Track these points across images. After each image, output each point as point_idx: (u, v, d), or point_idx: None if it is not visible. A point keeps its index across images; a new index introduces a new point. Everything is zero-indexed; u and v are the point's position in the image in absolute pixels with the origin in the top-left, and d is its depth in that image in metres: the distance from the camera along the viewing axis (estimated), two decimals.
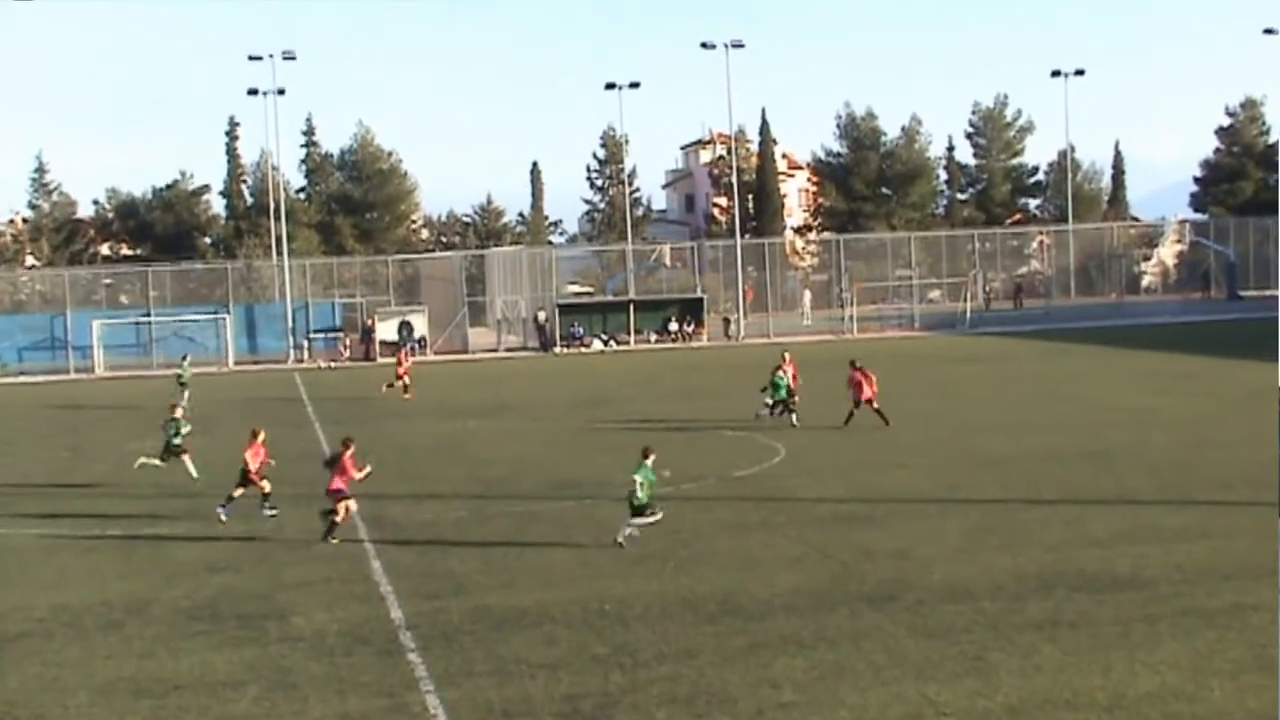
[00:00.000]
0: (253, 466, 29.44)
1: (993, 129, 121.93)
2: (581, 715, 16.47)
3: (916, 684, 17.05)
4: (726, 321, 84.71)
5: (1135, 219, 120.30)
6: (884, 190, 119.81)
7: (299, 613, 21.60)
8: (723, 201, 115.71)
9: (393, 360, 63.08)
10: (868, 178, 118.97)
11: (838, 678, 17.46)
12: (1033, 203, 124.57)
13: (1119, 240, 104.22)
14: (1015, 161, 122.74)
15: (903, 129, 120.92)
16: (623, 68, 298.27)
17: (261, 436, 30.03)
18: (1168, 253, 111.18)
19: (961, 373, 56.34)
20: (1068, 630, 19.08)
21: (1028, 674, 17.31)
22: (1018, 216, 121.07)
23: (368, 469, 27.59)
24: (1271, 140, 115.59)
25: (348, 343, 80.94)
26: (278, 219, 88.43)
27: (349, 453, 27.26)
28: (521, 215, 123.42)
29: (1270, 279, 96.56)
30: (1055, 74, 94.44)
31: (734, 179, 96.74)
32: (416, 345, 78.41)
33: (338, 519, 26.77)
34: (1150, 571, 22.14)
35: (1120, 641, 18.46)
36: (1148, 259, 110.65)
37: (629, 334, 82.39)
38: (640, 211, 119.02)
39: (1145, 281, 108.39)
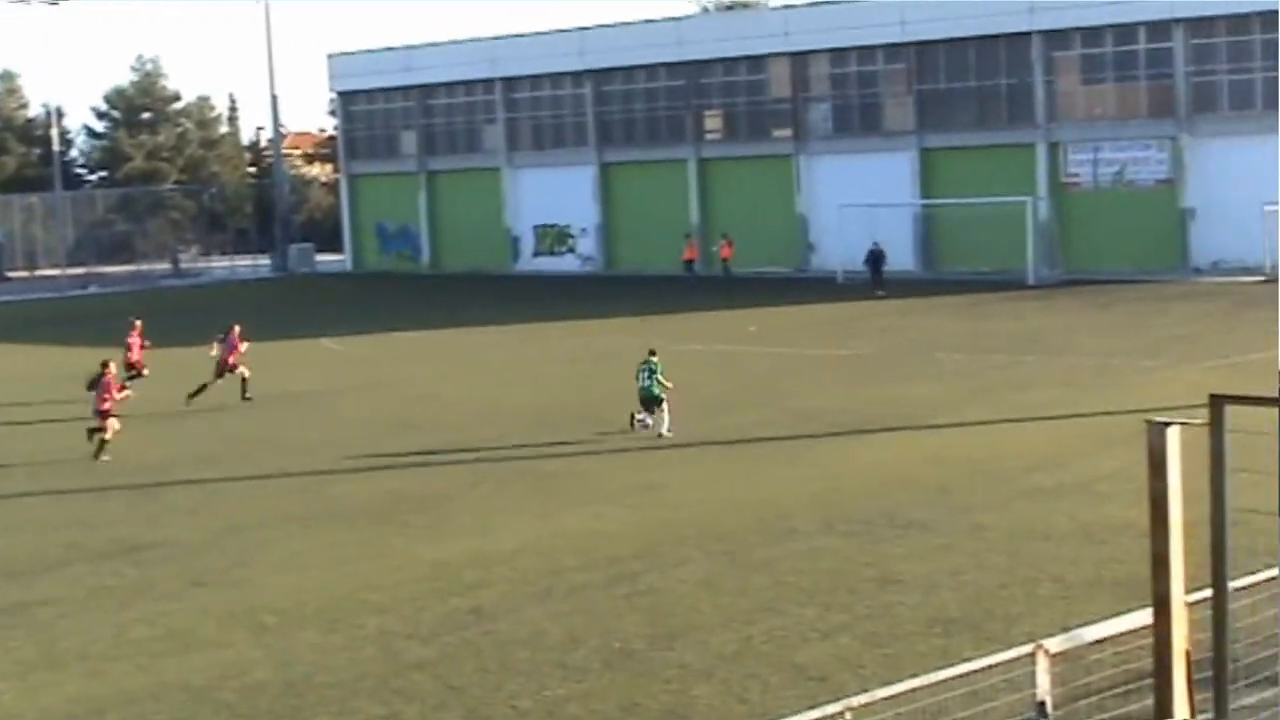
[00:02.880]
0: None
1: None
2: None
3: None
4: None
5: None
6: None
7: None
8: None
9: None
10: None
11: None
12: None
13: None
14: None
15: None
16: None
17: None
18: None
19: None
20: None
21: None
22: None
23: (127, 391, 31.99)
24: (32, 114, 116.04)
25: None
26: None
27: (110, 373, 30.81)
28: None
29: (37, 258, 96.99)
30: None
31: None
32: None
33: (107, 437, 30.15)
34: None
35: None
36: None
37: None
38: None
39: None
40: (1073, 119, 66.32)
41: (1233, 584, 11.34)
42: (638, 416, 30.87)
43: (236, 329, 38.31)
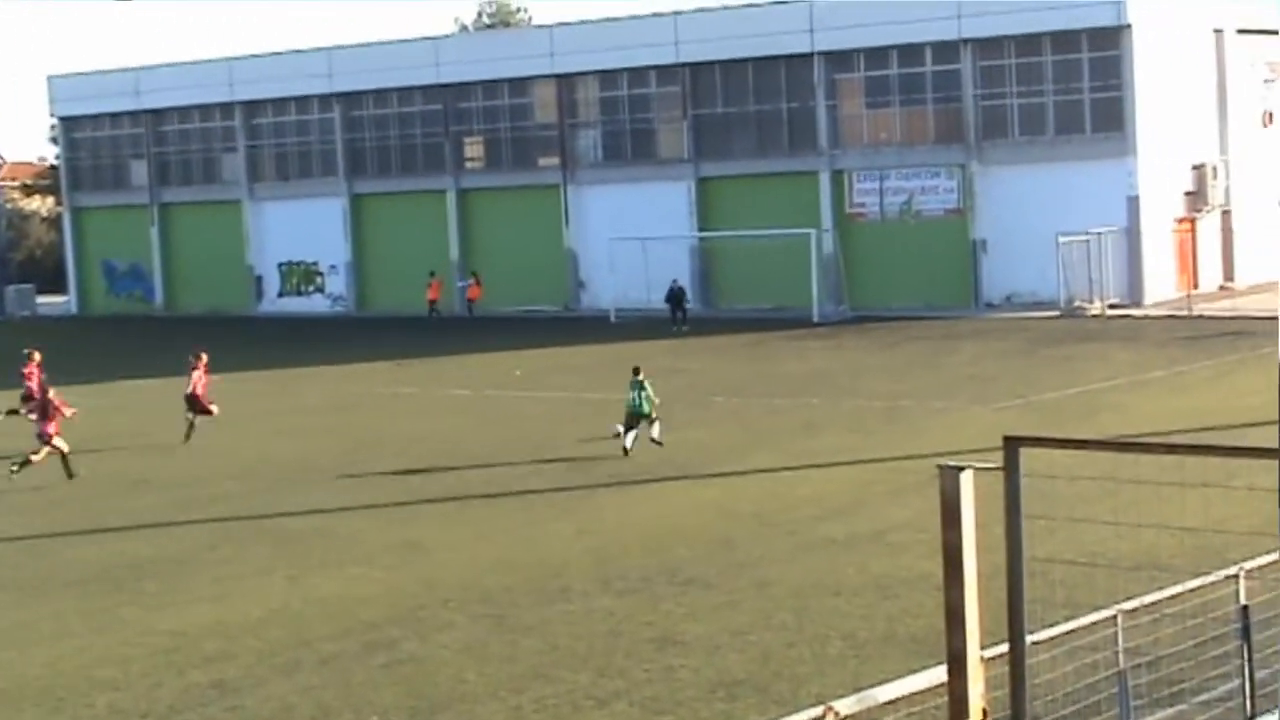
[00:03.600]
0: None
1: None
2: None
3: None
4: None
5: None
6: None
7: None
8: None
9: None
10: None
11: None
12: None
13: None
14: None
15: None
16: None
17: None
18: None
19: None
20: None
21: None
22: None
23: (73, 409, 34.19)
24: None
25: None
26: None
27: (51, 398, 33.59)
28: None
29: None
30: None
31: None
32: None
33: (66, 450, 33.05)
34: None
35: None
36: None
37: None
38: None
39: None
40: (858, 145, 67.54)
41: (1030, 638, 11.57)
42: (617, 428, 33.12)
43: (205, 358, 38.72)
